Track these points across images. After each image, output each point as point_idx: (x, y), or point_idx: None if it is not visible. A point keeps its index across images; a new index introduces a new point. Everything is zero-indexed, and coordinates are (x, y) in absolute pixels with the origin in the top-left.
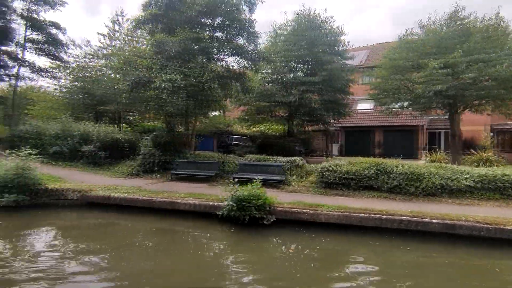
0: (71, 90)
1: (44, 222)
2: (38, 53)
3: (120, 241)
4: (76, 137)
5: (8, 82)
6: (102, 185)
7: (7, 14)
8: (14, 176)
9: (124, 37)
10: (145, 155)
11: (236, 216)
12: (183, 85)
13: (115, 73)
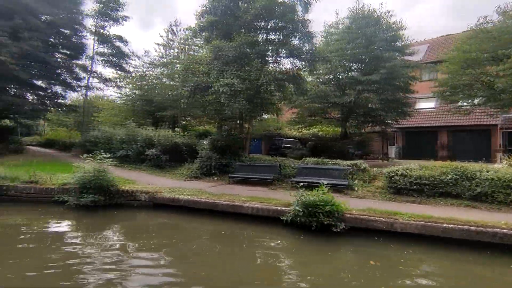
0: (132, 98)
1: (117, 221)
2: (105, 64)
3: (184, 242)
4: (140, 141)
5: (80, 92)
6: (167, 187)
7: (80, 32)
8: (92, 178)
9: (178, 45)
10: (203, 158)
11: (302, 222)
12: (240, 88)
13: (171, 80)
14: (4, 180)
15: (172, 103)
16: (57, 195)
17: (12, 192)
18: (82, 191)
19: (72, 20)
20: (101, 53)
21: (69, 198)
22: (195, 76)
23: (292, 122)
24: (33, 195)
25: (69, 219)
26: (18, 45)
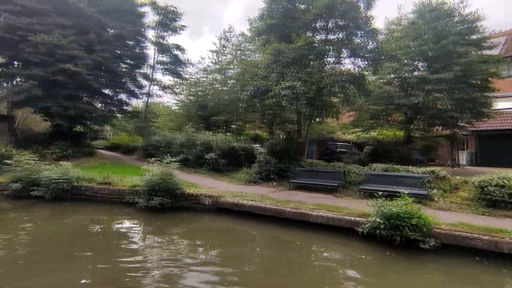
0: (187, 104)
1: (182, 223)
2: (164, 72)
3: (246, 247)
4: (199, 145)
5: (142, 99)
6: (228, 191)
7: (143, 42)
8: (159, 181)
9: (231, 51)
10: (261, 162)
11: (383, 235)
12: (302, 91)
13: (224, 86)
14: (82, 181)
15: (225, 107)
16: (128, 196)
17: (89, 192)
18: (151, 194)
19: (135, 32)
20: (160, 61)
21: (139, 200)
22: (254, 80)
23: (349, 125)
24: (107, 195)
25: (138, 220)
26: (92, 57)
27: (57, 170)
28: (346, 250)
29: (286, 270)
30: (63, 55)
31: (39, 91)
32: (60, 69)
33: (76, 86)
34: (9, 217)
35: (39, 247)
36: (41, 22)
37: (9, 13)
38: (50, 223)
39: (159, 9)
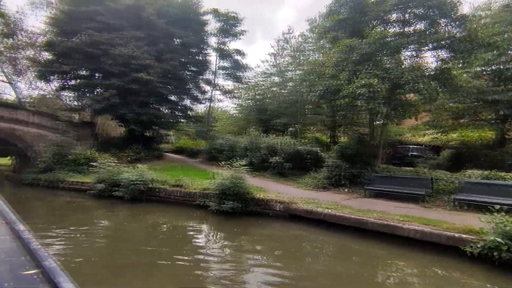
0: (246, 107)
1: (252, 228)
2: (225, 77)
3: (323, 260)
4: (263, 149)
5: (205, 104)
6: (298, 197)
7: (205, 49)
8: (230, 185)
9: (290, 52)
10: (330, 167)
11: (503, 259)
12: (380, 89)
13: (283, 89)
14: (156, 183)
15: (285, 110)
16: (199, 199)
17: (162, 194)
18: (221, 197)
19: (199, 40)
20: (222, 67)
21: (210, 203)
22: (322, 80)
23: (422, 126)
24: (179, 197)
25: (210, 223)
26: (161, 66)
27: (134, 172)
28: (451, 273)
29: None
30: (137, 65)
31: (117, 99)
32: (134, 78)
33: (148, 93)
34: (96, 214)
35: (119, 243)
36: (119, 36)
37: (93, 30)
38: (129, 222)
39: (220, 16)
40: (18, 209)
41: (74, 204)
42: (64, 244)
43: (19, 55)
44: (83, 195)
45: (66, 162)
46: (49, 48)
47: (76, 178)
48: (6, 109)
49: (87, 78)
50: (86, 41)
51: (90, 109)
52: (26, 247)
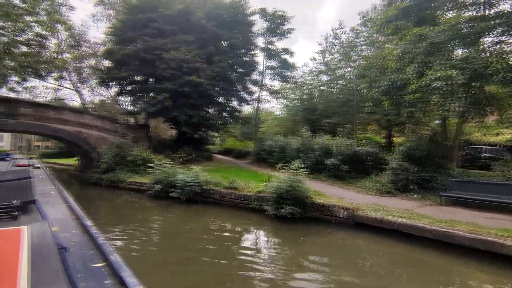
0: (293, 107)
1: (312, 236)
2: (273, 77)
3: (404, 278)
4: (317, 150)
5: (252, 105)
6: (363, 203)
7: (252, 50)
8: (288, 189)
9: (339, 49)
10: (395, 170)
11: None
12: (461, 81)
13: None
14: (210, 184)
15: (336, 109)
16: (254, 202)
17: (216, 196)
18: (278, 201)
19: (246, 41)
20: (269, 67)
21: (266, 207)
22: (384, 74)
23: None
24: (234, 200)
25: (267, 228)
26: (211, 68)
27: (189, 174)
28: None
29: None
30: (188, 68)
31: (169, 102)
32: (186, 81)
33: (198, 95)
34: (152, 214)
35: (173, 242)
36: (171, 41)
37: (148, 36)
38: (184, 222)
39: (267, 15)
40: (84, 206)
41: (133, 204)
42: (122, 239)
43: (83, 64)
44: (141, 195)
45: (125, 163)
46: (109, 56)
47: (135, 178)
48: (74, 114)
49: (141, 83)
50: (142, 47)
51: (144, 112)
52: (94, 241)
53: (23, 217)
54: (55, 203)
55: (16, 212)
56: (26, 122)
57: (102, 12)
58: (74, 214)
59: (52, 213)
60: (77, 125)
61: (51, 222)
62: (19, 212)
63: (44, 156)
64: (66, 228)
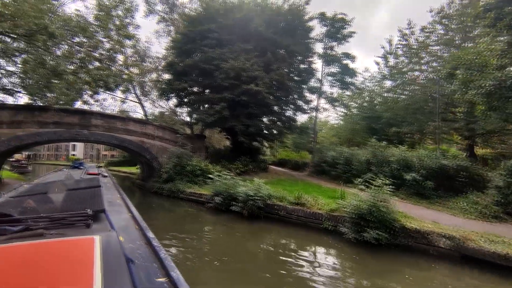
0: (353, 116)
1: (408, 269)
2: (332, 84)
3: None
4: (393, 163)
5: (310, 114)
6: (472, 231)
7: (310, 57)
8: (372, 209)
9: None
10: (502, 189)
11: None
12: None
13: (400, 94)
14: (273, 199)
15: (407, 117)
16: (327, 222)
17: (282, 213)
18: (359, 223)
19: (303, 47)
20: (329, 73)
21: (343, 229)
22: (486, 73)
23: None
24: (302, 218)
25: (345, 255)
26: (269, 76)
27: (251, 186)
28: None
29: None
30: (247, 77)
31: (227, 112)
32: (244, 90)
33: (256, 105)
34: (212, 227)
35: (234, 263)
36: (230, 51)
37: (207, 47)
38: (245, 239)
39: (327, 19)
40: (146, 215)
41: (192, 215)
42: (178, 251)
43: (146, 78)
44: (201, 206)
45: (185, 173)
46: (170, 68)
47: (194, 189)
48: (138, 124)
49: (199, 94)
50: (201, 58)
51: (202, 122)
52: (156, 254)
53: (94, 225)
54: (121, 212)
55: (89, 220)
56: (97, 133)
57: (164, 29)
58: (137, 224)
59: (118, 222)
60: (140, 135)
61: (118, 232)
62: (91, 220)
63: (110, 164)
64: (130, 239)
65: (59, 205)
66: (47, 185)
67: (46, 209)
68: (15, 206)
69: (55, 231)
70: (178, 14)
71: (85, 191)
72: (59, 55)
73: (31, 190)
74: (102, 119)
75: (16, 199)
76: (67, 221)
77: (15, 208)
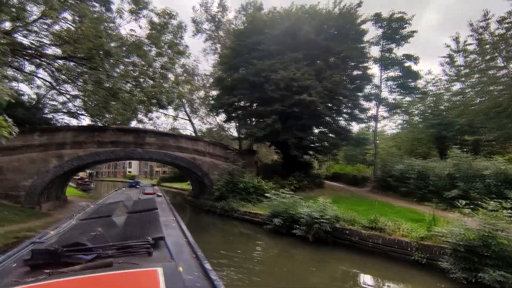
0: (417, 123)
1: None
2: (392, 90)
3: None
4: (489, 177)
5: (368, 123)
6: None
7: (366, 61)
8: (486, 240)
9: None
10: None
11: None
12: None
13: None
14: (342, 221)
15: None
16: (417, 253)
17: (355, 238)
18: (470, 259)
19: (357, 52)
20: (388, 78)
21: (447, 265)
22: None
23: None
24: (380, 246)
25: None
26: (322, 85)
27: (315, 207)
28: None
29: None
30: (298, 87)
31: (279, 124)
32: (295, 101)
33: (308, 116)
34: (269, 251)
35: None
36: (279, 61)
37: (256, 59)
38: (310, 268)
39: (382, 21)
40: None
41: (248, 237)
42: (231, 275)
43: (194, 96)
44: (256, 227)
45: (238, 190)
46: (218, 84)
47: (248, 208)
48: (190, 141)
49: (248, 108)
50: (250, 71)
51: (252, 137)
52: None
53: (155, 253)
54: (178, 237)
55: (150, 248)
56: (151, 151)
57: (210, 46)
58: (193, 252)
59: (176, 249)
60: (192, 152)
61: (177, 262)
62: (152, 248)
63: (162, 180)
64: (189, 269)
65: (123, 231)
66: (110, 206)
67: (112, 236)
68: (86, 231)
69: (122, 260)
70: (225, 30)
71: (144, 215)
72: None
73: (97, 212)
74: (156, 137)
75: (85, 222)
76: (132, 250)
77: (86, 233)
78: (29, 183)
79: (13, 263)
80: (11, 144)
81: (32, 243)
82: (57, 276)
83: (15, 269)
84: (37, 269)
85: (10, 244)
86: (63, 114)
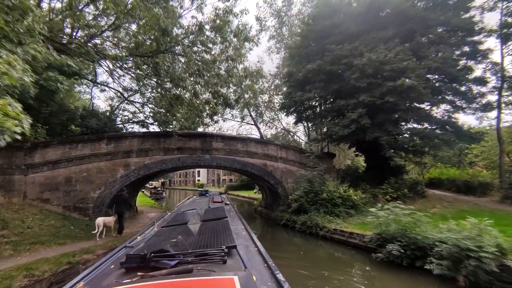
0: None
1: None
2: None
3: None
4: None
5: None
6: None
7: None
8: None
9: None
10: None
11: None
12: None
13: None
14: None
15: None
16: None
17: None
18: None
19: (463, 22)
20: None
21: None
22: None
23: None
24: None
25: None
26: (423, 65)
27: (461, 231)
28: None
29: None
30: (391, 71)
31: (367, 119)
32: (388, 89)
33: (406, 106)
34: None
35: None
36: (363, 43)
37: (334, 44)
38: None
39: None
40: (278, 257)
41: (344, 264)
42: None
43: (259, 99)
44: (352, 250)
45: (321, 202)
46: (289, 79)
47: (338, 224)
48: (260, 145)
49: (324, 104)
50: (326, 59)
51: (333, 137)
52: None
53: (228, 261)
54: (248, 246)
55: (225, 256)
56: (219, 157)
57: (275, 44)
58: (265, 262)
59: (248, 258)
60: (262, 157)
61: (251, 272)
62: (226, 256)
63: (230, 188)
64: (262, 279)
65: (198, 238)
66: (184, 214)
67: (190, 243)
68: (167, 238)
69: (200, 266)
70: (288, 28)
71: (216, 223)
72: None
73: (174, 219)
74: (223, 141)
75: (165, 229)
76: (208, 257)
77: (168, 240)
78: (97, 194)
79: (112, 264)
80: (80, 153)
81: (124, 247)
82: (148, 280)
83: (114, 270)
84: (130, 271)
85: (59, 273)
86: (133, 123)
